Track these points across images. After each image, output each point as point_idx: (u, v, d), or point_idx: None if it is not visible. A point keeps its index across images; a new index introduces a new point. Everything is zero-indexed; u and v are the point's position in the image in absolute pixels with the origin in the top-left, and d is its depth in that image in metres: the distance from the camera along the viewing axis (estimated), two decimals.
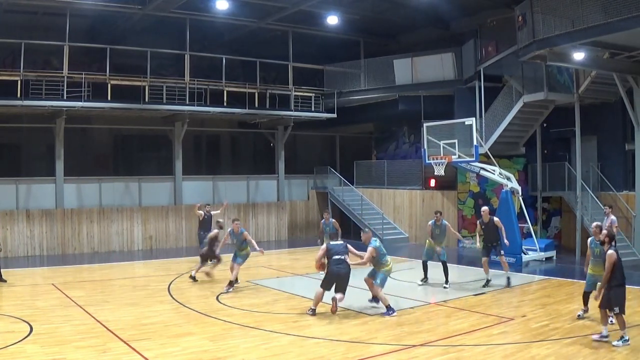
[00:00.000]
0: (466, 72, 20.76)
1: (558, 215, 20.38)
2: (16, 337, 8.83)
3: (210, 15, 20.45)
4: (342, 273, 10.39)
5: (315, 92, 23.79)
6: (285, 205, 24.14)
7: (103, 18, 20.32)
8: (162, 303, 11.69)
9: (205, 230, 17.03)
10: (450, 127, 18.18)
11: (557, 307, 10.88)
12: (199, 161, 25.79)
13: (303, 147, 28.33)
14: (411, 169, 22.75)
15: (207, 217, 17.11)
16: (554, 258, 17.11)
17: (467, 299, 11.82)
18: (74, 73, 18.63)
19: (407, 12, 21.19)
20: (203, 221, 17.08)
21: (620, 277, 8.44)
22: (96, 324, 9.81)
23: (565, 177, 18.68)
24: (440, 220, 13.27)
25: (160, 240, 21.11)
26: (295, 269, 16.26)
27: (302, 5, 19.60)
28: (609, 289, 8.48)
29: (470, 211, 20.20)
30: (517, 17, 15.68)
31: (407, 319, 10.28)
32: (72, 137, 20.34)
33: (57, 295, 12.35)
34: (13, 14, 19.12)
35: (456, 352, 8.25)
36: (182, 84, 20.54)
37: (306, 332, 9.25)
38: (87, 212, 19.95)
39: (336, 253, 10.45)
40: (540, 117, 19.19)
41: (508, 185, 16.95)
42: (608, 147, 18.50)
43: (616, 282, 8.43)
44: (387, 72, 22.68)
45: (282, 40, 22.96)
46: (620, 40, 13.91)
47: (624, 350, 8.10)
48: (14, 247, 18.52)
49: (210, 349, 8.41)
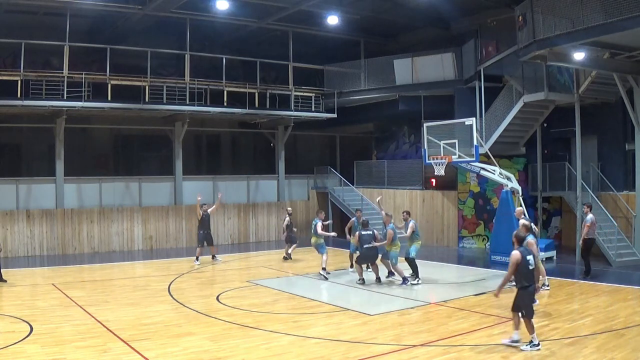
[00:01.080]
0: (466, 72, 20.75)
1: (558, 215, 20.37)
2: (16, 337, 8.83)
3: (211, 15, 20.45)
4: (370, 255, 13.50)
5: (316, 92, 23.79)
6: (285, 205, 24.11)
7: (103, 18, 20.32)
8: (163, 303, 11.69)
9: (204, 229, 17.04)
10: (451, 127, 18.17)
11: (557, 307, 10.88)
12: (199, 161, 25.80)
13: (303, 147, 28.35)
14: (411, 169, 22.74)
15: (205, 217, 17.12)
16: (554, 258, 17.10)
17: (467, 299, 11.82)
18: (74, 73, 18.64)
19: (408, 12, 21.18)
20: (202, 220, 17.09)
21: (524, 280, 8.25)
22: (96, 324, 9.81)
23: (565, 177, 18.66)
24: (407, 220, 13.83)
25: (160, 240, 21.12)
26: (296, 269, 16.26)
27: (302, 5, 19.60)
28: (517, 291, 8.38)
29: (470, 211, 20.19)
30: (517, 17, 15.66)
31: (408, 319, 10.29)
32: (72, 137, 20.34)
33: (58, 295, 12.36)
34: (13, 14, 19.11)
35: (456, 352, 8.25)
36: (183, 84, 20.54)
37: (306, 332, 9.25)
38: (87, 212, 19.95)
39: (366, 242, 13.28)
40: (541, 117, 19.17)
41: (508, 185, 16.93)
42: (608, 147, 18.49)
43: (520, 284, 8.29)
44: (388, 72, 22.66)
45: (282, 40, 22.97)
46: (620, 40, 13.90)
47: (624, 350, 8.09)
48: (14, 247, 18.52)
49: (210, 349, 8.41)
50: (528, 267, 8.23)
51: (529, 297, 8.32)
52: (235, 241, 22.68)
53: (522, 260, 8.19)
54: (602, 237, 16.11)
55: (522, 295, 8.31)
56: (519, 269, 8.23)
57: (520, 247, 8.37)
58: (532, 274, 8.31)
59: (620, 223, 16.66)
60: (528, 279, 8.27)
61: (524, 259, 8.21)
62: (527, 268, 8.22)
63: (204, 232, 17.04)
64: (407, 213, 14.13)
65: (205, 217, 17.11)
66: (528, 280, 8.27)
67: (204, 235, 17.04)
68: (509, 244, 13.92)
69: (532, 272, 8.29)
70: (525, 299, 8.30)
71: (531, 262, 8.26)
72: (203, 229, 17.04)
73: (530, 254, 8.33)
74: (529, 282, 8.27)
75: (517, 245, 8.40)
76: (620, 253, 15.90)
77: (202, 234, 17.02)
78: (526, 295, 8.29)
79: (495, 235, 17.14)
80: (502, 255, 16.49)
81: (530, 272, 8.26)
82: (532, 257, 8.31)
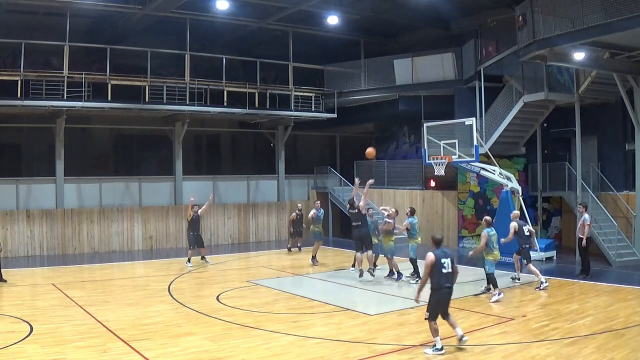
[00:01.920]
0: (466, 72, 20.74)
1: (558, 215, 20.36)
2: (16, 337, 8.84)
3: (211, 15, 20.44)
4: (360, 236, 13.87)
5: (316, 92, 23.78)
6: (285, 205, 24.14)
7: (103, 18, 20.32)
8: (163, 303, 11.69)
9: (194, 230, 16.71)
10: (451, 127, 18.17)
11: (557, 307, 10.88)
12: (199, 161, 25.80)
13: (303, 147, 28.34)
14: (411, 169, 22.74)
15: (196, 218, 16.77)
16: (554, 258, 17.11)
17: (467, 299, 11.82)
18: (74, 73, 18.63)
19: (408, 12, 21.18)
20: (192, 221, 16.78)
21: (433, 282, 8.22)
22: (96, 324, 9.82)
23: (565, 177, 18.65)
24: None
25: (160, 240, 21.11)
26: (296, 268, 16.26)
27: (302, 5, 19.59)
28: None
29: (470, 211, 20.18)
30: (518, 17, 15.66)
31: (408, 319, 10.29)
32: (72, 137, 20.34)
33: (58, 295, 12.36)
34: (13, 14, 19.11)
35: (456, 352, 8.25)
36: (183, 84, 20.54)
37: (307, 332, 9.25)
38: (87, 212, 19.95)
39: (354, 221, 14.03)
40: (541, 117, 19.17)
41: (508, 185, 16.94)
42: (608, 147, 18.49)
43: (431, 285, 8.27)
44: (388, 72, 22.66)
45: (283, 40, 22.97)
46: (620, 40, 13.89)
47: (624, 350, 8.09)
48: (14, 247, 18.52)
49: (210, 349, 8.41)
50: (441, 269, 8.17)
51: (435, 301, 8.23)
52: (235, 241, 22.68)
53: (436, 262, 8.17)
54: (602, 237, 16.14)
55: (430, 296, 8.26)
56: (433, 271, 8.19)
57: (437, 249, 8.36)
58: (447, 276, 8.22)
59: (620, 223, 16.66)
60: (440, 282, 8.19)
61: (438, 261, 8.18)
62: (440, 271, 8.17)
63: (194, 233, 16.70)
64: (411, 210, 14.36)
65: (196, 218, 16.74)
66: (440, 282, 8.19)
67: (195, 237, 16.71)
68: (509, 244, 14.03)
69: (446, 274, 8.21)
70: (432, 301, 8.24)
71: (446, 264, 8.21)
72: (193, 230, 16.70)
73: (446, 257, 8.27)
74: (439, 285, 8.20)
75: (434, 247, 8.41)
76: (620, 253, 15.91)
77: (193, 235, 16.68)
78: (433, 297, 8.23)
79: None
80: (502, 255, 16.48)
81: (444, 274, 8.19)
82: (448, 260, 8.26)
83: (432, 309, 8.23)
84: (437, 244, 8.42)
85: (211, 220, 21.92)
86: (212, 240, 21.63)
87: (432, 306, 8.24)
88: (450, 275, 8.25)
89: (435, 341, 8.15)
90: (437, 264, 8.16)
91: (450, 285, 8.26)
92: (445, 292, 8.23)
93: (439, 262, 8.17)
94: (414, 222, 13.99)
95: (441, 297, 8.23)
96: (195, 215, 16.78)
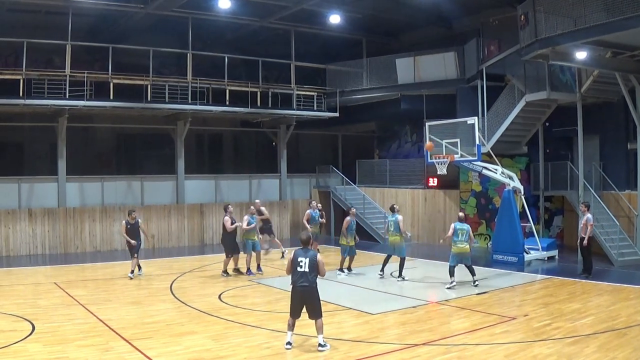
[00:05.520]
0: (468, 71, 20.72)
1: (560, 214, 20.34)
2: (18, 336, 8.85)
3: (213, 14, 20.45)
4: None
5: (318, 91, 23.78)
6: (287, 204, 24.15)
7: (105, 17, 20.34)
8: (165, 302, 11.71)
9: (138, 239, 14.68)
10: (453, 126, 18.13)
11: (559, 307, 10.87)
12: (202, 160, 25.82)
13: (305, 146, 28.34)
14: (413, 168, 22.75)
15: (136, 224, 14.71)
16: (556, 257, 17.09)
17: (469, 298, 11.82)
18: (76, 72, 18.64)
19: (410, 11, 21.16)
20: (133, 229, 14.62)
21: (291, 279, 8.56)
22: (98, 322, 9.83)
23: (567, 176, 18.63)
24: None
25: (162, 239, 21.13)
26: None
27: (304, 4, 19.60)
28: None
29: (472, 210, 20.17)
30: (520, 16, 15.64)
31: (409, 318, 10.29)
32: (74, 136, 20.37)
33: (60, 294, 12.38)
34: (15, 12, 19.14)
35: (458, 351, 8.25)
36: (185, 82, 20.54)
37: (308, 332, 9.23)
38: (89, 210, 19.98)
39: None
40: (543, 116, 19.15)
41: (510, 185, 16.92)
42: (610, 146, 18.46)
43: (292, 282, 8.57)
44: (390, 71, 22.64)
45: (285, 39, 22.96)
46: (622, 39, 13.87)
47: (626, 350, 8.08)
48: (16, 246, 18.56)
49: (212, 348, 8.42)
50: (297, 268, 8.44)
51: (290, 296, 8.60)
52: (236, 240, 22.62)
53: (293, 259, 8.49)
54: (604, 237, 16.12)
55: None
56: (291, 268, 8.53)
57: (301, 248, 8.63)
58: (303, 275, 8.42)
59: (622, 222, 16.63)
60: (294, 279, 8.50)
61: (295, 259, 8.47)
62: (296, 269, 8.46)
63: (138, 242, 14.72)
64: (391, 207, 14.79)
65: (136, 225, 14.71)
66: (293, 279, 8.51)
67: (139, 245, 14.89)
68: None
69: (301, 273, 8.42)
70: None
71: (302, 263, 8.42)
72: (137, 239, 14.64)
73: (305, 257, 8.46)
74: (293, 282, 8.53)
75: (301, 246, 8.68)
76: (622, 252, 15.89)
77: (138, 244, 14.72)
78: (291, 293, 8.60)
79: (498, 235, 17.14)
80: (504, 255, 16.53)
81: (299, 273, 8.42)
82: (306, 259, 8.43)
83: (290, 303, 8.61)
84: (303, 243, 8.69)
85: (213, 218, 21.92)
86: (214, 239, 21.63)
87: (290, 301, 8.63)
88: (306, 275, 8.44)
89: (287, 334, 8.47)
90: (294, 262, 8.49)
91: (306, 285, 8.44)
92: (297, 290, 8.49)
93: (296, 260, 8.48)
94: (392, 220, 14.27)
95: (293, 294, 8.57)
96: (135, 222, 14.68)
